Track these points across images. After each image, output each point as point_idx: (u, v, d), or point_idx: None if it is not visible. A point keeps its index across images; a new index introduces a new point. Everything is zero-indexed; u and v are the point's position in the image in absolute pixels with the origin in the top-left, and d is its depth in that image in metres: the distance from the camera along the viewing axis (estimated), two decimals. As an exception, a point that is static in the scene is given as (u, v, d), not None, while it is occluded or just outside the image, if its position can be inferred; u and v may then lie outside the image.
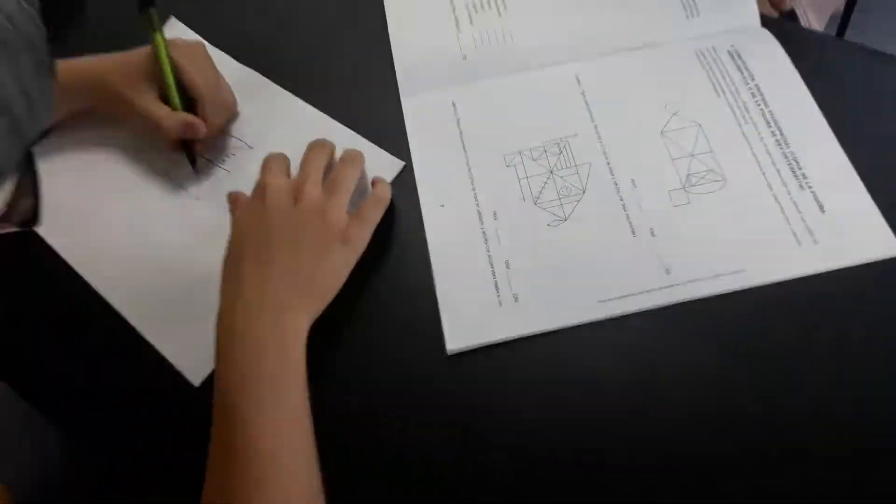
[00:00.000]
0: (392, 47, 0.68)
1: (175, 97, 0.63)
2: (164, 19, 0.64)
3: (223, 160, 0.65)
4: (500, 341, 0.54)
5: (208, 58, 0.65)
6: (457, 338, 0.54)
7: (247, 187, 0.60)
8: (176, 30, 0.73)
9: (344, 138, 0.63)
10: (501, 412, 0.52)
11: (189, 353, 0.55)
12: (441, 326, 0.55)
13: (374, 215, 0.57)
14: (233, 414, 0.47)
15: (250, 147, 0.66)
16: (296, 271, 0.52)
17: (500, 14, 0.68)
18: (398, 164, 0.63)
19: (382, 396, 0.53)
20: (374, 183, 0.60)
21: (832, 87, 0.62)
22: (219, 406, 0.48)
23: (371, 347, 0.55)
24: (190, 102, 0.63)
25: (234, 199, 0.60)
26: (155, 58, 0.62)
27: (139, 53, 0.63)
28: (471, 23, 0.68)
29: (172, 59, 0.62)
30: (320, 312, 0.53)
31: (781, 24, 0.67)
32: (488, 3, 0.69)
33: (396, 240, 0.59)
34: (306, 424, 0.48)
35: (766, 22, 0.67)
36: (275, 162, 0.58)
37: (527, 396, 0.52)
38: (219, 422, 0.48)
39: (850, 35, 0.98)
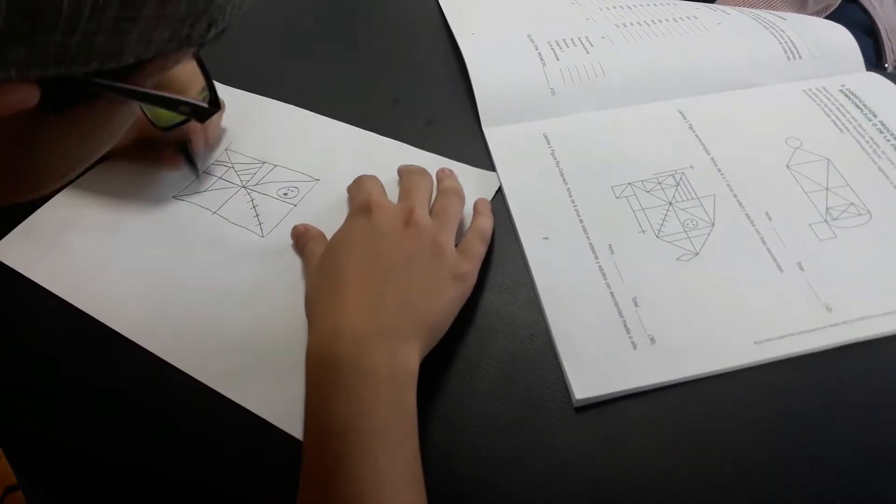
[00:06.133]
0: (471, 77, 0.61)
1: None
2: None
3: (285, 194, 0.56)
4: (638, 390, 0.44)
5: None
6: (585, 386, 0.43)
7: (316, 221, 0.53)
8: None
9: (423, 163, 0.55)
10: (639, 473, 0.41)
11: (285, 406, 0.43)
12: (563, 374, 0.45)
13: (481, 250, 0.49)
14: (336, 464, 0.36)
15: (315, 179, 0.57)
16: (408, 302, 0.43)
17: (587, 51, 0.63)
18: (493, 181, 0.55)
19: (498, 455, 0.42)
20: (475, 212, 0.52)
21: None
22: (314, 453, 0.37)
23: (482, 398, 0.44)
24: None
25: (302, 231, 0.52)
26: None
27: None
28: (556, 58, 0.62)
29: None
30: (429, 351, 0.43)
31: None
32: (572, 41, 0.64)
33: (496, 276, 0.50)
34: (420, 485, 0.37)
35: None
36: (372, 182, 0.51)
37: (671, 455, 0.42)
38: (316, 471, 0.37)
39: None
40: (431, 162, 0.57)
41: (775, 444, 0.42)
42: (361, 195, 0.49)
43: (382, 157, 0.58)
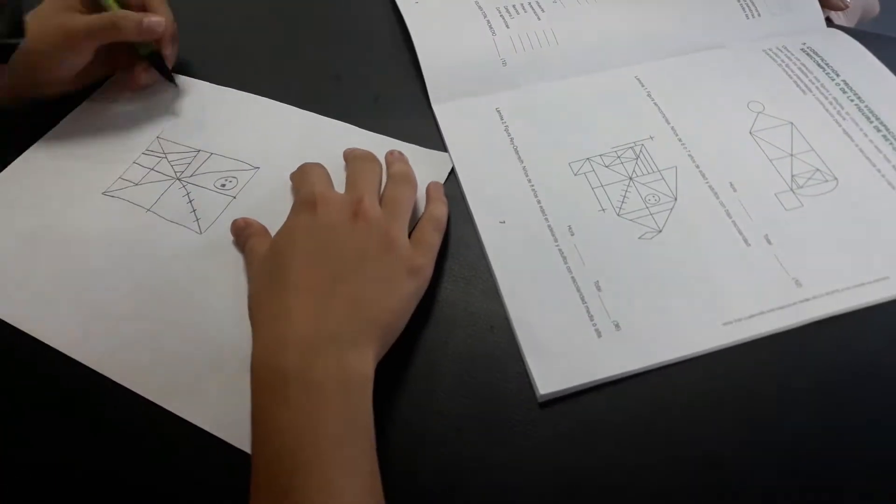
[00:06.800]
0: (417, 52, 0.58)
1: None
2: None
3: (223, 185, 0.52)
4: (604, 381, 0.41)
5: None
6: (549, 380, 0.41)
7: (258, 214, 0.49)
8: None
9: (370, 145, 0.51)
10: (609, 468, 0.39)
11: (233, 418, 0.40)
12: (525, 367, 0.42)
13: (436, 240, 0.46)
14: (287, 485, 0.33)
15: (255, 167, 0.53)
16: (359, 302, 0.39)
17: (538, 18, 0.59)
18: (446, 162, 0.52)
19: (462, 457, 0.40)
20: (428, 198, 0.49)
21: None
22: (264, 473, 0.35)
23: (441, 398, 0.42)
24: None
25: (242, 226, 0.48)
26: None
27: None
28: (507, 26, 0.59)
29: None
30: (384, 353, 0.40)
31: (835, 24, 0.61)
32: (522, 6, 0.60)
33: (452, 265, 0.47)
34: (380, 499, 0.35)
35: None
36: (316, 171, 0.47)
37: (641, 447, 0.40)
38: (266, 492, 0.34)
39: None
40: (379, 143, 0.53)
41: (748, 428, 0.40)
42: (305, 187, 0.46)
43: (326, 140, 0.54)
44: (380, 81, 0.59)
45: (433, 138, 0.54)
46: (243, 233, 0.48)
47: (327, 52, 0.62)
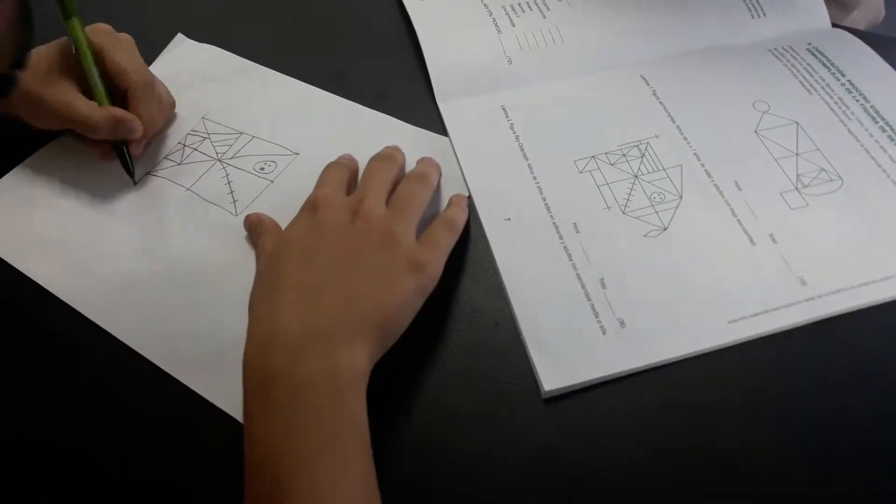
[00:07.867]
0: (423, 49, 0.58)
1: (99, 86, 0.50)
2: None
3: (262, 168, 0.53)
4: (609, 377, 0.41)
5: (136, 50, 0.53)
6: (553, 376, 0.41)
7: (293, 200, 0.48)
8: (184, 46, 0.62)
9: (406, 137, 0.52)
10: (614, 464, 0.39)
11: (229, 388, 0.40)
12: (530, 363, 0.42)
13: (447, 240, 0.44)
14: (274, 490, 0.33)
15: (295, 153, 0.54)
16: (353, 300, 0.39)
17: (544, 16, 0.59)
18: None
19: (466, 453, 0.40)
20: (449, 204, 0.48)
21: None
22: (252, 475, 0.34)
23: (445, 393, 0.42)
24: (119, 99, 0.51)
25: (256, 222, 0.48)
26: (69, 47, 0.50)
27: (49, 46, 0.50)
28: (512, 25, 0.59)
29: (93, 45, 0.50)
30: (384, 352, 0.40)
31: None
32: (528, 5, 0.60)
33: (457, 261, 0.47)
34: (374, 498, 0.34)
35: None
36: (334, 172, 0.47)
37: (645, 445, 0.40)
38: (256, 496, 0.34)
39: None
40: (416, 137, 0.54)
41: (752, 426, 0.40)
42: (315, 190, 0.46)
43: (368, 131, 0.55)
44: (384, 79, 0.59)
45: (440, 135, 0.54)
46: (256, 229, 0.48)
47: (331, 49, 0.63)
